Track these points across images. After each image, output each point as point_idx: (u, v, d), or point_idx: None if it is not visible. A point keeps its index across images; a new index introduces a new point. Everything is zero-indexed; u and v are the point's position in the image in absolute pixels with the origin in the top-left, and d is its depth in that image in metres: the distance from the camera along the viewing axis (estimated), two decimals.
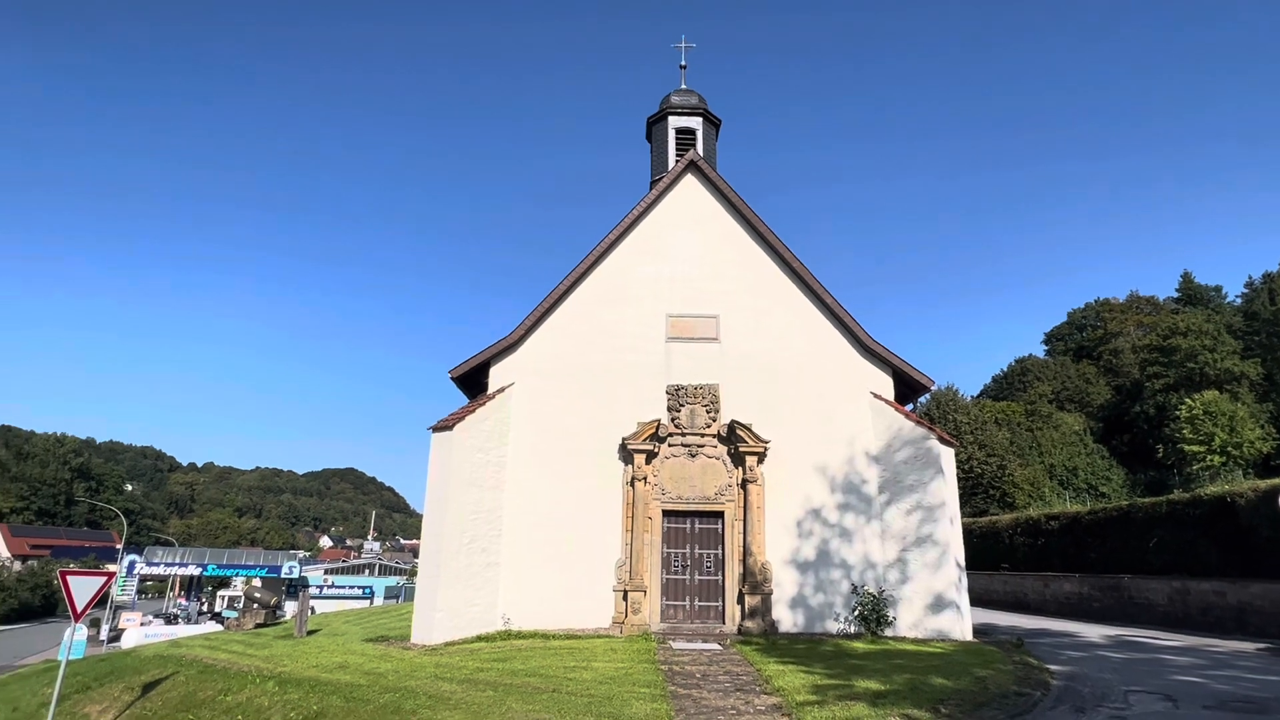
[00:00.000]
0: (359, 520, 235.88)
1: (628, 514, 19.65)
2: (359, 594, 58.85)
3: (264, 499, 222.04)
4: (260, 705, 13.00)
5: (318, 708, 12.52)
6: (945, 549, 19.04)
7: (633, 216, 22.11)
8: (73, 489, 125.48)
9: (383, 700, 12.51)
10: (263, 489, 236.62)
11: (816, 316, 21.44)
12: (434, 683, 13.60)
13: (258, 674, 14.39)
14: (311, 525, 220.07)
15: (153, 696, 14.04)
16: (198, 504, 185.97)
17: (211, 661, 15.80)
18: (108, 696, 14.38)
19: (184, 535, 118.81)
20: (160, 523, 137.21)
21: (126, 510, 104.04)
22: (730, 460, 20.09)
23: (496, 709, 11.57)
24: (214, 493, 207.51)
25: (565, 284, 21.58)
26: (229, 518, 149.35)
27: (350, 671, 14.74)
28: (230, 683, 13.99)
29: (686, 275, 21.75)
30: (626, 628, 18.41)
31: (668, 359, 20.97)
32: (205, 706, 13.27)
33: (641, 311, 21.41)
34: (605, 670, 14.10)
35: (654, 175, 24.22)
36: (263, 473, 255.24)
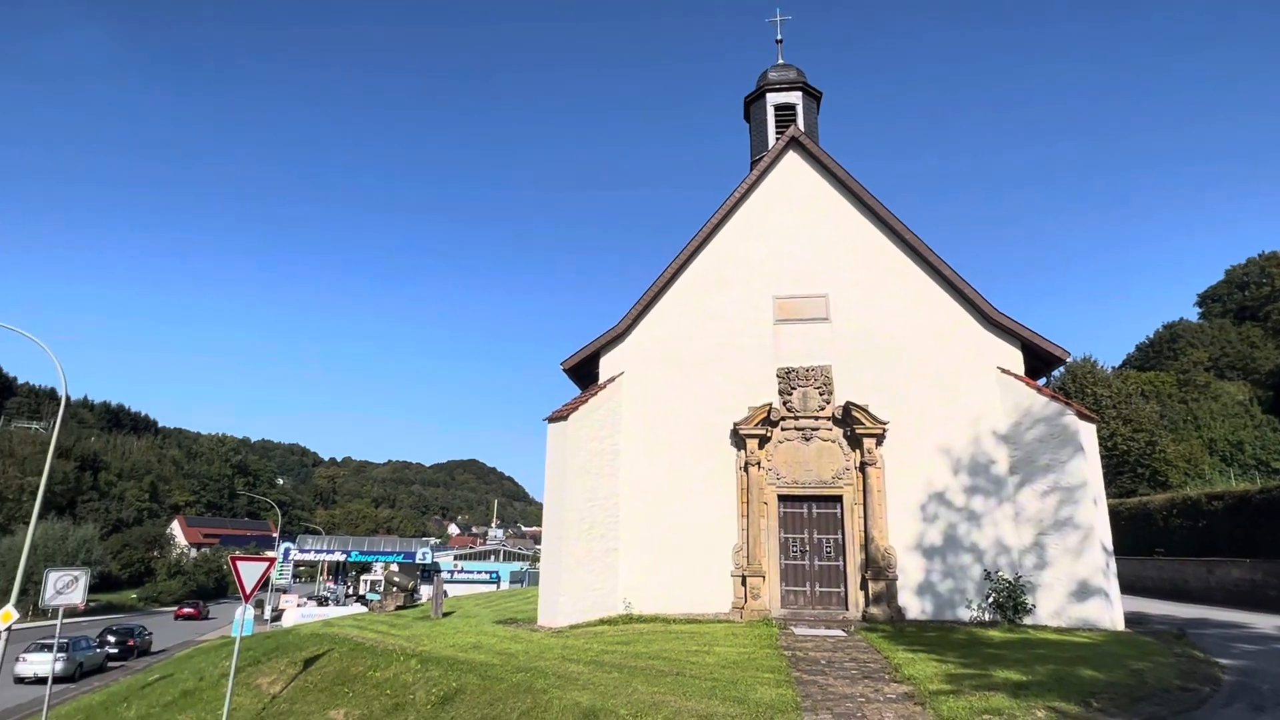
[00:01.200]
0: (482, 509, 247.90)
1: (742, 499, 19.53)
2: (486, 578, 61.89)
3: (396, 490, 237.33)
4: (405, 681, 13.95)
5: (456, 685, 13.29)
6: (1088, 532, 17.70)
7: (734, 199, 21.81)
8: (234, 484, 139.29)
9: (515, 679, 13.11)
10: (394, 480, 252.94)
11: (935, 290, 20.37)
12: (562, 664, 14.11)
13: (401, 652, 15.43)
14: (440, 514, 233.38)
15: (313, 670, 15.35)
16: (339, 495, 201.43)
17: (360, 640, 17.08)
18: (275, 669, 15.86)
19: (329, 524, 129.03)
20: (308, 513, 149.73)
21: (280, 502, 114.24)
22: (847, 443, 19.52)
23: (622, 690, 11.85)
24: (352, 485, 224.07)
25: (669, 271, 21.62)
26: (367, 508, 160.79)
27: (484, 651, 15.52)
28: (378, 660, 15.08)
29: (792, 255, 21.24)
30: (746, 613, 18.35)
31: (776, 341, 20.59)
32: (358, 681, 14.37)
33: (747, 294, 21.13)
34: (727, 655, 14.13)
35: (754, 155, 23.78)
36: (394, 465, 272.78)
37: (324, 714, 13.39)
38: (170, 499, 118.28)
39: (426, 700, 12.99)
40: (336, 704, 13.65)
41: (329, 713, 13.40)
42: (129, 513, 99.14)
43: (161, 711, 15.01)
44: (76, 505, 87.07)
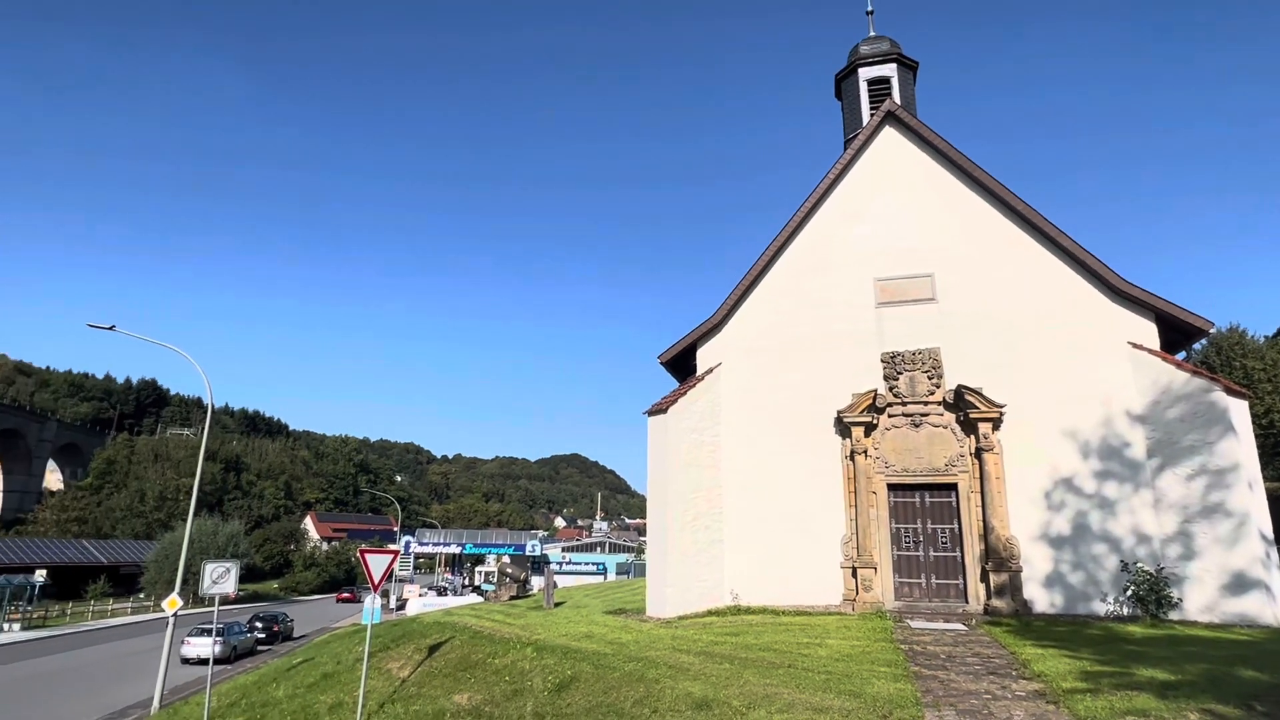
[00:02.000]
0: (586, 502, 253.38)
1: (849, 489, 19.02)
2: (593, 570, 63.25)
3: (504, 485, 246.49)
4: (523, 668, 14.48)
5: (571, 673, 13.68)
6: (1243, 519, 16.10)
7: (829, 180, 21.19)
8: (357, 481, 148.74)
9: (627, 669, 13.34)
10: (502, 475, 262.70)
11: (1052, 262, 19.05)
12: (672, 654, 14.24)
13: (518, 641, 16.02)
14: (546, 507, 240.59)
15: (437, 657, 16.20)
16: (452, 491, 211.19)
17: (479, 629, 17.86)
18: (403, 655, 16.85)
19: (444, 518, 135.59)
20: (424, 508, 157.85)
21: (398, 498, 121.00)
22: (960, 428, 18.61)
23: (734, 681, 11.83)
24: (464, 480, 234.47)
25: (763, 259, 21.29)
26: (478, 502, 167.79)
27: (595, 641, 15.88)
28: (496, 647, 15.72)
29: (893, 234, 20.42)
30: (858, 605, 17.87)
31: (879, 325, 19.88)
32: (478, 667, 15.04)
33: (847, 278, 20.50)
34: (840, 647, 13.82)
35: (848, 134, 22.99)
36: (501, 461, 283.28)
37: (449, 698, 14.10)
38: (302, 496, 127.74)
39: (544, 687, 13.44)
40: (460, 689, 14.35)
41: (454, 697, 14.10)
42: (268, 509, 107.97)
43: (306, 692, 16.24)
44: (223, 503, 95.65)
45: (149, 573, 55.66)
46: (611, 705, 12.19)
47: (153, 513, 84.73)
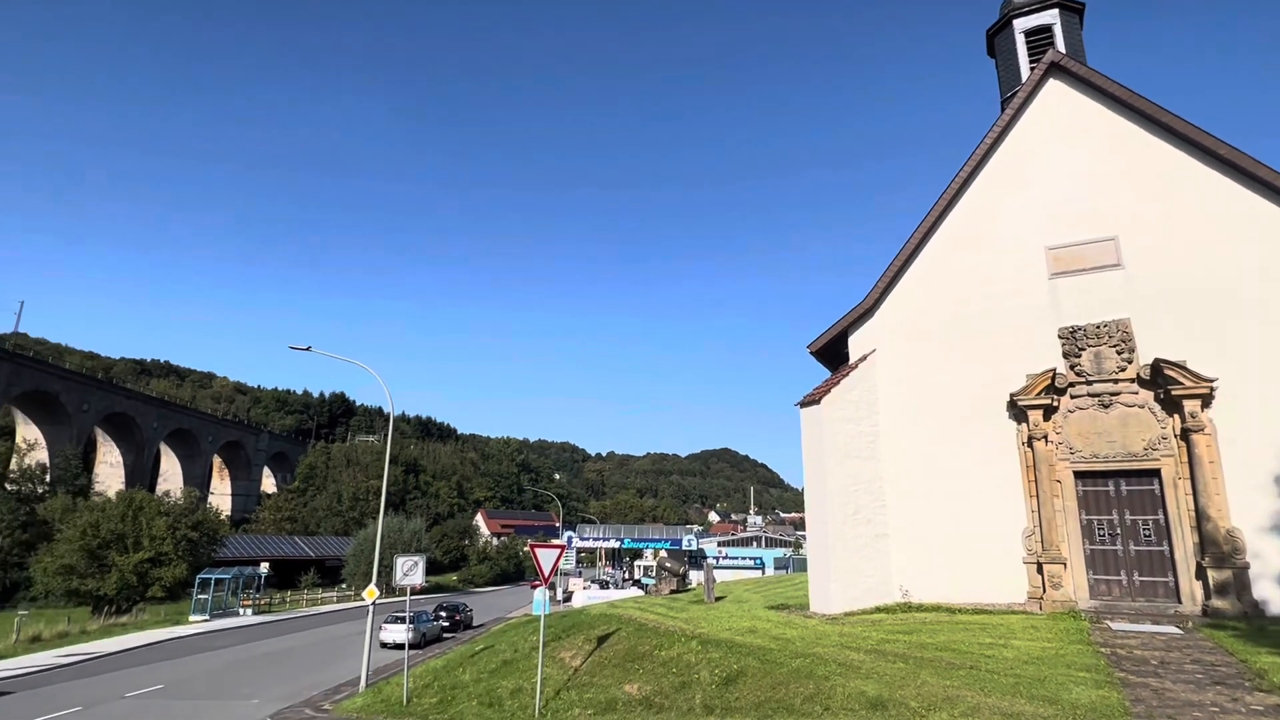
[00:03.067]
0: (739, 496, 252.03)
1: (1028, 478, 17.53)
2: (750, 564, 62.83)
3: (657, 480, 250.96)
4: (689, 661, 14.68)
5: (737, 667, 13.68)
6: None
7: (985, 146, 19.63)
8: (520, 480, 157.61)
9: (794, 665, 13.13)
10: (654, 471, 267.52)
11: (1271, 212, 16.48)
12: (841, 651, 13.84)
13: (682, 634, 16.24)
14: (699, 502, 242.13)
15: (606, 647, 16.79)
16: (607, 487, 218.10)
17: (644, 621, 18.30)
18: (574, 645, 17.62)
19: (601, 514, 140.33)
20: (582, 504, 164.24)
21: (559, 495, 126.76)
22: (1160, 407, 16.58)
23: (910, 681, 11.30)
24: (618, 477, 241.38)
25: (915, 238, 20.11)
26: (632, 498, 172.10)
27: (760, 636, 15.77)
28: (661, 640, 16.04)
29: (1066, 197, 18.55)
30: (1046, 604, 16.44)
31: (1054, 298, 18.14)
32: (646, 659, 15.42)
33: (1013, 249, 18.89)
34: (1029, 649, 12.80)
35: (1004, 93, 21.17)
36: (653, 457, 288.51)
37: (620, 688, 14.57)
38: (472, 495, 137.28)
39: (711, 680, 13.55)
40: (629, 679, 14.79)
41: (624, 687, 14.55)
42: (443, 507, 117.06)
43: (489, 677, 17.42)
44: (405, 503, 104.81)
45: (349, 565, 62.15)
46: (780, 701, 12.06)
47: (348, 511, 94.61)
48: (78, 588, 40.93)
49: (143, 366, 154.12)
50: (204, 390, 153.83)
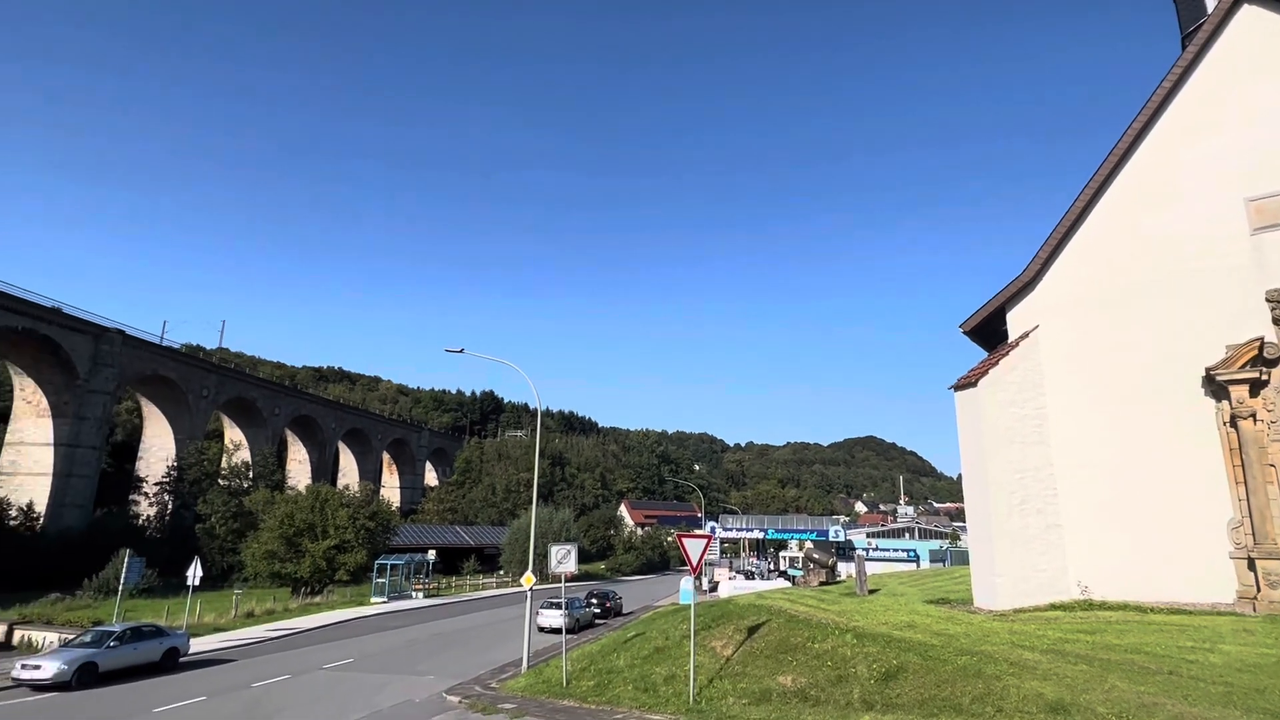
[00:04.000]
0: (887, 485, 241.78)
1: (1232, 462, 15.49)
2: (903, 556, 60.08)
3: (798, 470, 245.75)
4: (843, 655, 14.29)
5: (897, 662, 13.15)
6: None
7: (1163, 91, 17.49)
8: (660, 471, 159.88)
9: (960, 662, 12.43)
10: (795, 461, 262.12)
11: None
12: (1012, 650, 12.94)
13: (835, 626, 15.84)
14: (844, 492, 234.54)
15: (756, 638, 16.71)
16: (747, 477, 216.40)
17: (794, 613, 18.02)
18: (724, 635, 17.67)
19: (742, 504, 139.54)
20: (723, 495, 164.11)
21: (699, 486, 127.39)
22: None
23: (1095, 685, 10.37)
24: (758, 467, 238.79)
25: (1081, 201, 18.30)
26: (774, 488, 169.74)
27: (919, 631, 15.07)
28: (814, 632, 15.73)
29: (1268, 140, 16.16)
30: (1262, 604, 14.48)
31: (1259, 256, 15.88)
32: (798, 650, 15.19)
33: (1202, 204, 16.73)
34: (1241, 655, 11.35)
35: (1185, 30, 18.76)
36: (793, 447, 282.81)
37: (773, 678, 14.45)
38: (615, 486, 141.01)
39: (869, 675, 13.12)
40: (783, 670, 14.63)
41: (777, 678, 14.42)
42: (589, 498, 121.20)
43: (642, 663, 17.86)
44: (553, 494, 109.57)
45: (505, 553, 65.86)
46: (947, 700, 11.47)
47: (501, 503, 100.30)
48: (279, 570, 46.26)
49: (320, 373, 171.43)
50: (371, 393, 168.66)
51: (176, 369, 72.21)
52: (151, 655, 22.25)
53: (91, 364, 61.29)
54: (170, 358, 72.15)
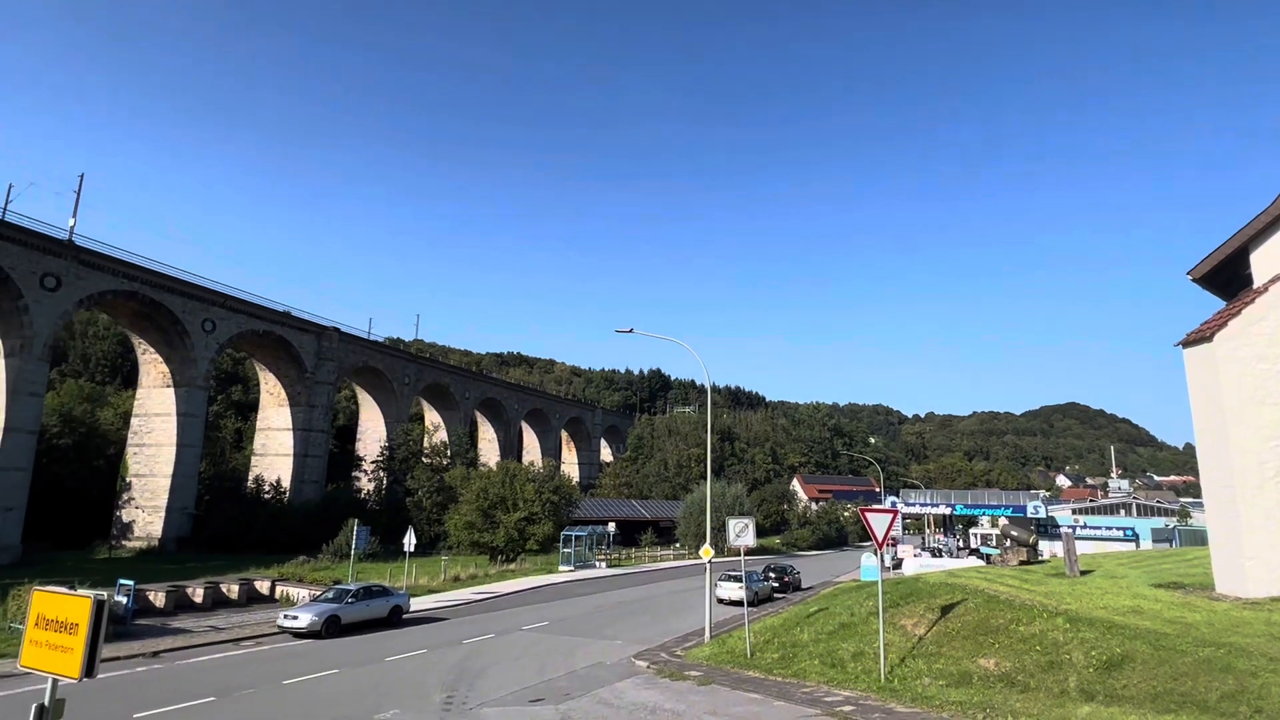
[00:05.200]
0: (1094, 457, 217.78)
1: None
2: (1119, 535, 53.88)
3: (987, 441, 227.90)
4: (1055, 639, 13.09)
5: (1121, 651, 11.83)
6: None
7: None
8: (833, 445, 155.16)
9: (1202, 654, 10.95)
10: (983, 432, 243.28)
11: None
12: (1270, 643, 11.18)
13: (1043, 609, 14.55)
14: (1042, 464, 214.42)
15: (951, 618, 15.77)
16: (928, 450, 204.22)
17: (993, 593, 16.78)
18: (915, 613, 16.86)
19: (924, 479, 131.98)
20: (902, 469, 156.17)
21: (876, 459, 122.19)
22: None
23: None
24: (940, 439, 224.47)
25: None
26: (959, 461, 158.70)
27: (1147, 617, 13.46)
28: (1018, 614, 14.55)
29: None
30: None
31: None
32: (1001, 633, 14.14)
33: None
34: None
35: None
36: (980, 417, 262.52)
37: (973, 660, 13.58)
38: (786, 460, 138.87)
39: (1086, 663, 11.93)
40: (984, 653, 13.69)
41: (978, 660, 13.53)
42: (760, 473, 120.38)
43: (827, 638, 17.52)
44: (724, 469, 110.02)
45: (680, 526, 67.37)
46: (1187, 695, 10.16)
47: (674, 478, 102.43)
48: (477, 540, 50.66)
49: (501, 358, 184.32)
50: (548, 375, 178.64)
51: (383, 360, 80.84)
52: (380, 611, 25.29)
53: (316, 359, 70.26)
54: (377, 350, 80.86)
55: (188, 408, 58.55)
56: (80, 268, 50.39)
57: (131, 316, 58.25)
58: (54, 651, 6.08)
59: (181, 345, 58.35)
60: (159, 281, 55.90)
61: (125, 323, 60.67)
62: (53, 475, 54.82)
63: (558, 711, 13.60)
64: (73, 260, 49.83)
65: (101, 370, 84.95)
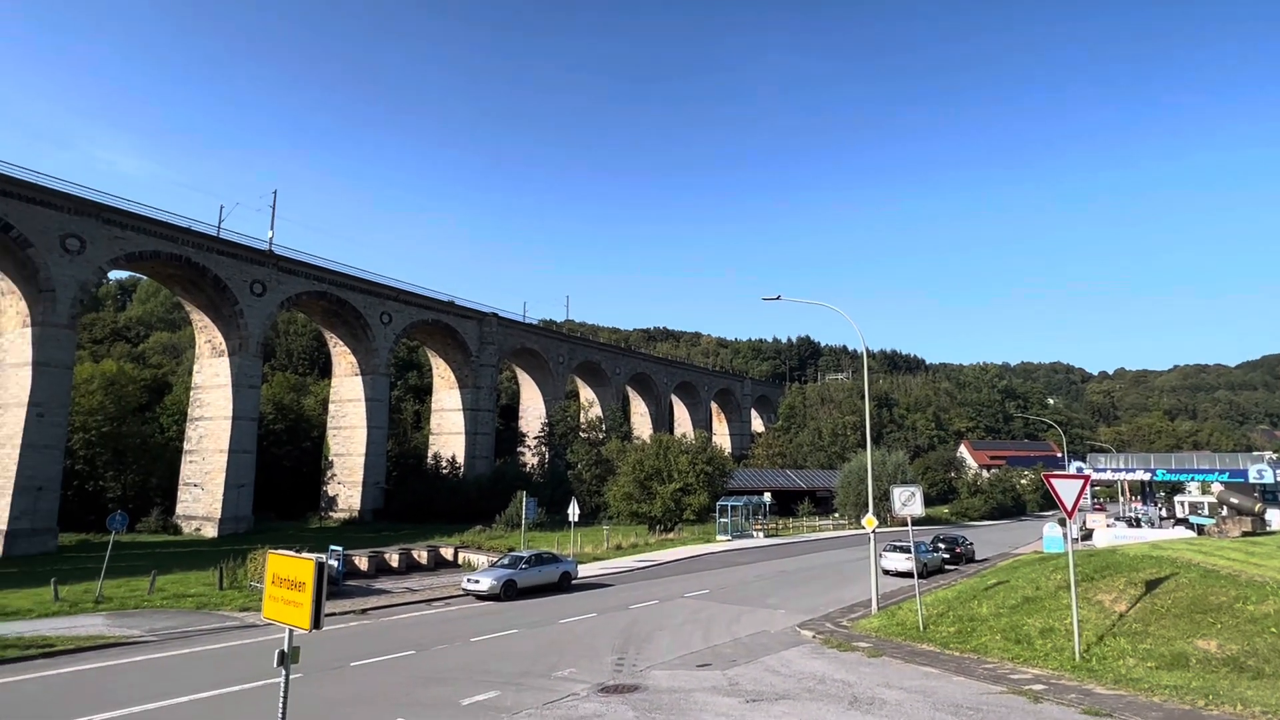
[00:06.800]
0: None
1: None
2: None
3: (1193, 398, 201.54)
4: None
5: None
6: None
7: None
8: (1005, 408, 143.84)
9: None
10: (1187, 388, 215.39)
11: None
12: None
13: (1277, 586, 12.69)
14: (1266, 423, 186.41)
15: (1158, 594, 14.16)
16: (1119, 410, 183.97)
17: (1210, 567, 14.87)
18: (1113, 588, 15.31)
19: (1115, 442, 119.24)
20: (1089, 431, 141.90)
21: (1057, 422, 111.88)
22: None
23: None
24: (1133, 397, 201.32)
25: None
26: (1159, 421, 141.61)
27: None
28: (1245, 591, 12.81)
29: None
30: None
31: None
32: (1223, 612, 12.52)
33: None
34: None
35: None
36: (1183, 371, 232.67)
37: (1188, 641, 12.14)
38: (952, 426, 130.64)
39: None
40: (1202, 633, 12.20)
41: (1194, 641, 12.07)
42: (922, 439, 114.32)
43: (1010, 613, 16.37)
44: (882, 436, 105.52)
45: (838, 495, 65.63)
46: None
47: (829, 446, 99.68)
48: (635, 510, 52.24)
49: (649, 334, 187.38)
50: (694, 348, 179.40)
51: (539, 341, 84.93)
52: (551, 577, 26.82)
53: (479, 343, 75.12)
54: (532, 332, 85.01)
55: (373, 393, 64.87)
56: (280, 274, 57.04)
57: (322, 314, 65.27)
58: (288, 606, 6.97)
59: (364, 337, 64.58)
60: (342, 281, 62.06)
61: (318, 320, 68.15)
62: (271, 456, 62.95)
63: (725, 677, 13.76)
64: (273, 268, 56.50)
65: (302, 363, 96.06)
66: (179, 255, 50.63)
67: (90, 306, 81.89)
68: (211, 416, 54.45)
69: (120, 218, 47.30)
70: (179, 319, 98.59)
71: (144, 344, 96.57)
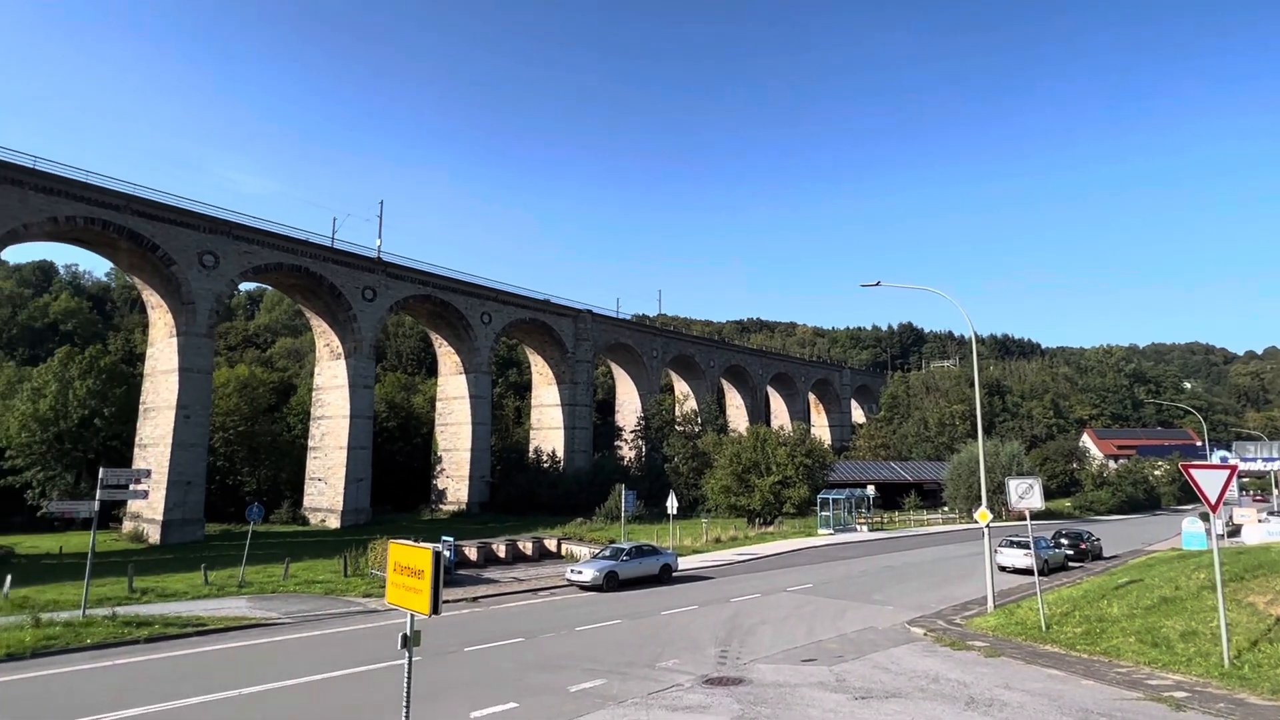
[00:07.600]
0: None
1: None
2: None
3: None
4: None
5: None
6: None
7: None
8: (1134, 393, 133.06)
9: None
10: None
11: None
12: None
13: None
14: None
15: None
16: (1271, 394, 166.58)
17: None
18: (1269, 589, 13.93)
19: (1266, 428, 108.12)
20: (1234, 417, 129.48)
21: (1195, 408, 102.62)
22: None
23: None
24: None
25: None
26: None
27: None
28: None
29: None
30: None
31: None
32: None
33: None
34: None
35: None
36: None
37: None
38: (1072, 414, 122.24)
39: None
40: None
41: None
42: (1039, 429, 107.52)
43: (1145, 614, 15.18)
44: (994, 426, 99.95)
45: (947, 488, 62.77)
46: None
47: (936, 437, 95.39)
48: (733, 503, 51.91)
49: (742, 325, 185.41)
50: (790, 339, 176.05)
51: (632, 336, 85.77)
52: (651, 569, 27.08)
53: (574, 340, 76.67)
54: (626, 328, 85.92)
55: (476, 391, 67.49)
56: (388, 279, 60.30)
57: (428, 316, 68.51)
58: (409, 592, 7.38)
59: (466, 337, 67.28)
60: (445, 284, 64.88)
61: (424, 321, 71.55)
62: (385, 452, 66.70)
63: (832, 673, 13.48)
64: (382, 274, 59.78)
65: (410, 363, 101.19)
66: (299, 266, 54.45)
67: (224, 316, 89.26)
68: (331, 415, 58.36)
69: (247, 234, 51.39)
70: (300, 325, 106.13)
71: (271, 349, 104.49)
